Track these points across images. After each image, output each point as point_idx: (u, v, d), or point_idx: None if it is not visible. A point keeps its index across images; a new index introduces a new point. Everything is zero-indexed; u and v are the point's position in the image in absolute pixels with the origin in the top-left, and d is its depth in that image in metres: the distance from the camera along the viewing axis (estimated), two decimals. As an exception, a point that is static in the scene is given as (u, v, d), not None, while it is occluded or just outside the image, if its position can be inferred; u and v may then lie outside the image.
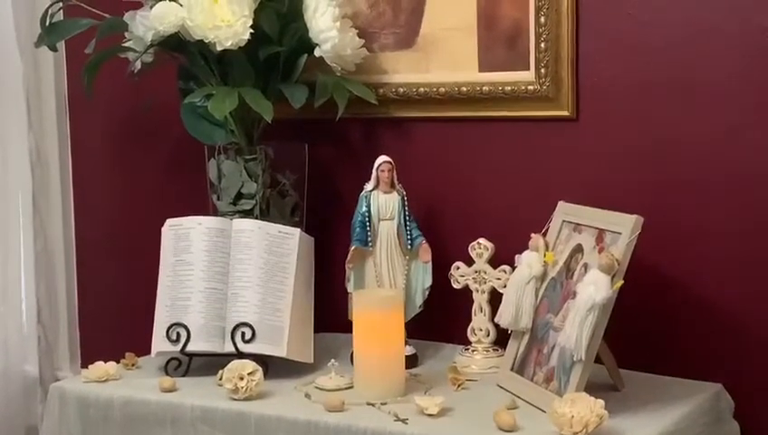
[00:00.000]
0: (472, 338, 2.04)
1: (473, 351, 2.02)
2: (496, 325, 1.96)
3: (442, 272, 2.05)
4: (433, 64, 2.16)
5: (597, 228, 1.80)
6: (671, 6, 1.93)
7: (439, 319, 2.11)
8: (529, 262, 1.87)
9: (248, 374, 1.83)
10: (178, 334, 1.97)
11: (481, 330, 2.03)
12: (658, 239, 1.89)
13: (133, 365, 2.05)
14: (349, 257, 2.02)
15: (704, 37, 1.90)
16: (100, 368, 1.99)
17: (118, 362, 2.03)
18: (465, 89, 2.12)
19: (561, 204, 1.92)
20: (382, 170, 2.01)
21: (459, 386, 1.88)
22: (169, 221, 2.05)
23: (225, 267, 2.01)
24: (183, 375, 1.97)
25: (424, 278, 2.04)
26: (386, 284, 2.02)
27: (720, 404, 1.86)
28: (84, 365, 2.08)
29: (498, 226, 2.08)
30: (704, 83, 1.91)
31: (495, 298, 1.98)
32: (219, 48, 2.04)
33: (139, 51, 2.13)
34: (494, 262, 2.01)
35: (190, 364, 1.98)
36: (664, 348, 1.97)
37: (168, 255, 2.03)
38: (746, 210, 1.90)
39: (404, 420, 1.71)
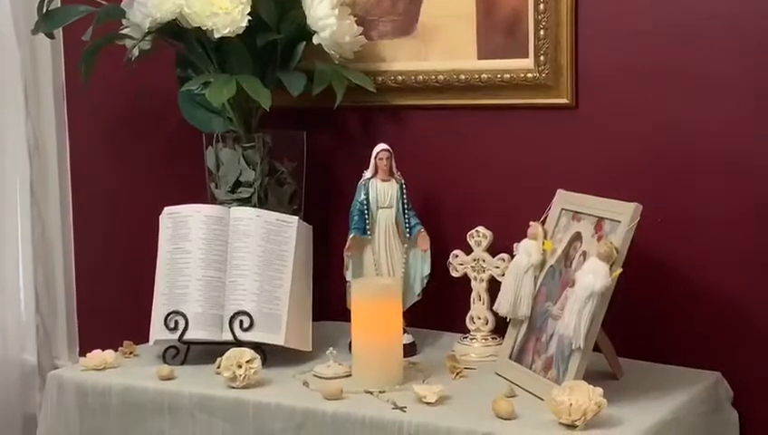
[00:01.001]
0: (470, 326, 2.03)
1: (471, 339, 2.02)
2: (495, 314, 1.95)
3: (440, 260, 2.04)
4: (432, 52, 2.15)
5: (596, 216, 1.79)
6: (671, -7, 1.93)
7: (438, 307, 2.11)
8: (527, 250, 1.87)
9: (246, 362, 1.83)
10: (176, 323, 1.96)
11: (479, 318, 2.03)
12: (658, 227, 1.89)
13: (131, 353, 2.05)
14: (347, 246, 2.02)
15: (704, 24, 1.90)
16: (98, 356, 1.99)
17: (116, 350, 2.03)
18: (463, 77, 2.11)
19: (559, 192, 1.91)
20: (380, 158, 2.01)
21: (458, 374, 1.88)
22: (167, 209, 2.05)
23: (224, 255, 2.00)
24: (181, 363, 1.97)
25: (422, 266, 2.04)
26: (384, 272, 2.02)
27: (719, 393, 1.86)
28: (82, 354, 2.08)
29: (497, 214, 2.07)
30: (704, 70, 1.90)
31: (494, 286, 1.97)
32: (217, 35, 2.03)
33: (137, 38, 2.13)
34: (493, 250, 2.01)
35: (188, 352, 1.98)
36: (663, 336, 1.97)
37: (166, 243, 2.02)
38: (746, 198, 1.89)
39: (402, 408, 1.71)
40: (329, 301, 2.14)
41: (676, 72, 1.93)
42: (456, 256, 2.04)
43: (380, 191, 2.02)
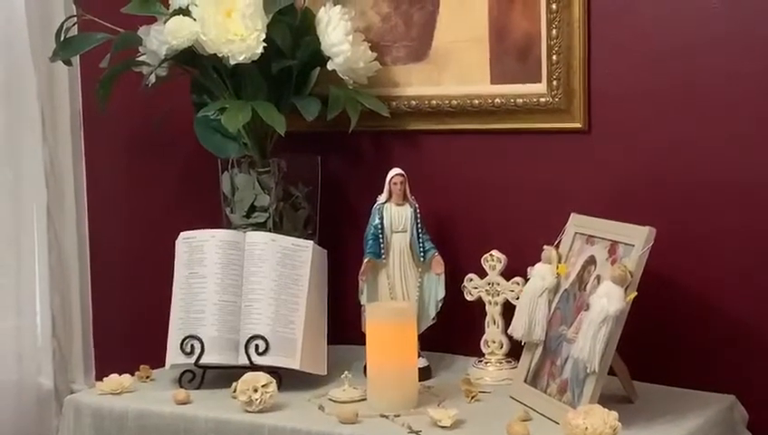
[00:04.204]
0: (485, 350, 2.04)
1: (486, 363, 2.03)
2: (509, 337, 1.96)
3: (455, 284, 2.05)
4: (445, 77, 2.16)
5: (610, 240, 1.80)
6: (683, 17, 1.93)
7: (452, 331, 2.11)
8: (542, 274, 1.88)
9: (262, 386, 1.84)
10: (192, 347, 1.97)
11: (494, 342, 2.03)
12: (672, 251, 1.89)
13: (147, 378, 2.06)
14: (362, 270, 2.03)
15: (716, 47, 1.90)
16: (114, 380, 2.00)
17: (132, 374, 2.04)
18: (477, 101, 2.12)
19: (573, 216, 1.92)
20: (395, 183, 2.02)
21: (472, 398, 1.88)
22: (183, 234, 2.06)
23: (239, 280, 2.01)
24: (197, 388, 1.98)
25: (437, 290, 2.04)
26: (399, 296, 2.02)
27: (733, 416, 1.86)
28: (99, 378, 2.09)
29: (511, 238, 2.08)
30: (717, 94, 1.91)
31: (508, 310, 1.98)
32: (232, 62, 2.05)
33: (153, 65, 2.15)
34: (507, 274, 2.02)
35: (204, 377, 1.99)
36: (677, 359, 1.97)
37: (182, 267, 2.04)
38: (760, 221, 1.89)
39: (417, 432, 1.71)
40: (344, 325, 2.15)
41: (689, 96, 1.93)
42: (471, 280, 2.05)
43: (395, 215, 2.02)
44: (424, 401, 1.85)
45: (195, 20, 2.05)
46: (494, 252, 2.03)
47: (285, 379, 1.94)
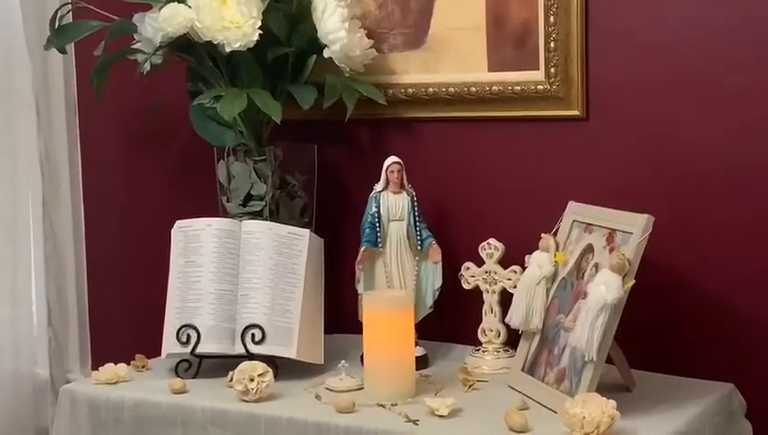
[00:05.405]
0: (482, 339, 2.03)
1: (483, 351, 2.02)
2: (507, 326, 1.95)
3: (452, 272, 2.04)
4: (442, 64, 2.15)
5: (607, 228, 1.79)
6: (681, 4, 1.93)
7: (450, 320, 2.11)
8: (539, 262, 1.87)
9: (258, 376, 1.83)
10: (189, 336, 1.97)
11: (491, 330, 2.03)
12: (670, 239, 1.88)
13: (143, 367, 2.06)
14: (359, 258, 2.02)
15: (714, 35, 1.90)
16: (110, 370, 1.99)
17: (128, 363, 2.04)
18: (474, 89, 2.11)
19: (571, 204, 1.91)
20: (392, 171, 2.01)
21: (470, 387, 1.88)
22: (179, 223, 2.05)
23: (235, 269, 2.01)
24: (193, 377, 1.97)
25: (434, 279, 2.04)
26: (396, 284, 2.02)
27: (732, 404, 1.86)
28: (95, 367, 2.09)
29: (508, 226, 2.07)
30: (715, 81, 1.90)
31: (506, 299, 1.97)
32: (228, 49, 2.04)
33: (148, 52, 2.14)
34: (505, 262, 2.01)
35: (200, 366, 1.99)
36: (676, 348, 1.96)
37: (178, 256, 2.03)
38: (758, 209, 1.89)
39: (415, 422, 1.71)
40: (340, 314, 2.14)
41: (687, 84, 1.93)
42: (468, 269, 2.04)
43: (392, 204, 2.02)
44: (421, 390, 1.85)
45: (190, 7, 2.04)
46: (492, 240, 2.02)
47: (282, 368, 1.94)
